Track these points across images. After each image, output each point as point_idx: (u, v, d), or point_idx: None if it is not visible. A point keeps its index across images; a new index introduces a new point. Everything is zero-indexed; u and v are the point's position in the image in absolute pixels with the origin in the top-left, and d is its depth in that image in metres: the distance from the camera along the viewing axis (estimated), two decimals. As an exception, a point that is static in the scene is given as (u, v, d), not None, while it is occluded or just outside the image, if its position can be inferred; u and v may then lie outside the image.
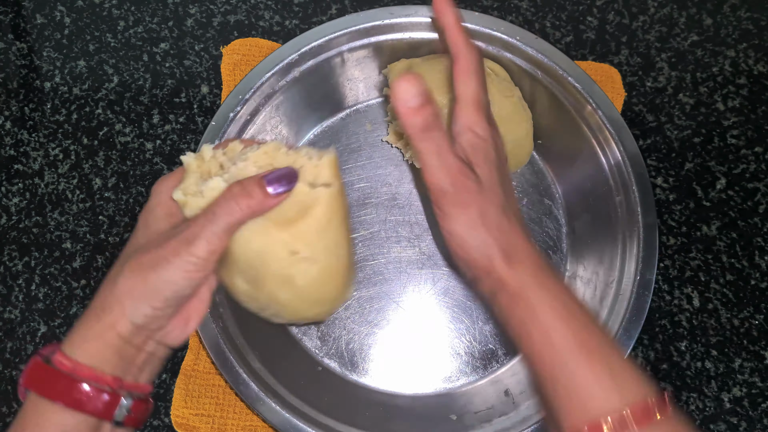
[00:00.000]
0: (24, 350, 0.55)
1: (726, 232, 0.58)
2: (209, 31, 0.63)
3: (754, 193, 0.59)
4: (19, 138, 0.60)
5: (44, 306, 0.56)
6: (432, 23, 0.55)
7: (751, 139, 0.61)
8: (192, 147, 0.60)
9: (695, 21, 0.64)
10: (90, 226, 0.58)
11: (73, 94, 0.61)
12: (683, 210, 0.59)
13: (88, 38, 0.63)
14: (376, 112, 0.61)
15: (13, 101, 0.61)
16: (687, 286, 0.57)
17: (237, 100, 0.54)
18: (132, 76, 0.62)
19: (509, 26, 0.55)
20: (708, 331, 0.56)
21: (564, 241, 0.58)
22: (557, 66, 0.55)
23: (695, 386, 0.55)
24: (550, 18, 0.63)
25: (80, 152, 0.60)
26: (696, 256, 0.58)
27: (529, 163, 0.59)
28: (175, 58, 0.62)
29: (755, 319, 0.56)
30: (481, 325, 0.56)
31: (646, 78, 0.62)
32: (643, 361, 0.55)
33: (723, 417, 0.54)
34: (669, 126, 0.61)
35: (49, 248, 0.57)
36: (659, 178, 0.60)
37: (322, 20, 0.63)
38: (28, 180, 0.59)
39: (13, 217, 0.58)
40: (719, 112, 0.62)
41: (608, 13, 0.64)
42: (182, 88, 0.61)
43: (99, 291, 0.38)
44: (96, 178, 0.59)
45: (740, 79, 0.62)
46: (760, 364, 0.55)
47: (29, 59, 0.63)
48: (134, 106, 0.61)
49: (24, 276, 0.57)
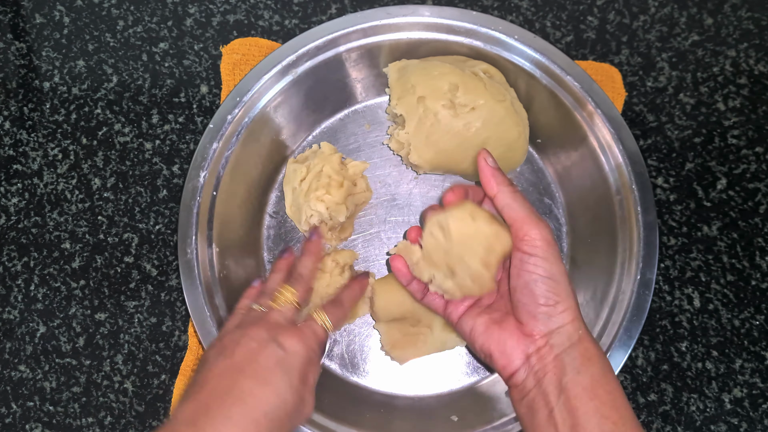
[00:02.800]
0: (23, 350, 0.55)
1: (727, 233, 0.58)
2: (209, 30, 0.63)
3: (755, 194, 0.59)
4: (18, 138, 0.60)
5: (43, 306, 0.56)
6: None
7: (751, 139, 0.61)
8: (191, 147, 0.60)
9: (696, 21, 0.64)
10: (89, 227, 0.58)
11: (72, 94, 0.61)
12: (684, 210, 0.59)
13: (87, 38, 0.63)
14: (376, 112, 0.60)
15: (12, 101, 0.61)
16: (687, 287, 0.57)
17: (236, 100, 0.54)
18: (131, 75, 0.62)
19: (508, 25, 0.55)
20: (709, 331, 0.56)
21: (564, 241, 0.58)
22: (556, 65, 0.54)
23: (696, 387, 0.54)
24: (550, 17, 0.63)
25: (79, 152, 0.60)
26: (697, 257, 0.58)
27: (529, 163, 0.59)
28: (175, 57, 0.62)
29: (756, 320, 0.56)
30: (481, 326, 0.55)
31: (647, 78, 0.62)
32: (643, 361, 0.55)
33: (724, 418, 0.54)
34: (669, 126, 0.61)
35: (48, 248, 0.57)
36: (660, 179, 0.60)
37: (322, 20, 0.63)
38: (27, 180, 0.59)
39: (12, 218, 0.58)
40: (720, 112, 0.61)
41: (609, 13, 0.64)
42: (181, 88, 0.61)
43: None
44: (95, 178, 0.59)
45: (741, 79, 0.62)
46: (761, 365, 0.55)
47: (28, 59, 0.62)
48: (133, 105, 0.61)
49: (23, 276, 0.57)
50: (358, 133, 0.60)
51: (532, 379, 0.42)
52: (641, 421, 0.54)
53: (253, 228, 0.58)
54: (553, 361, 0.41)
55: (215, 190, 0.54)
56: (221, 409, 0.39)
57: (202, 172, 0.53)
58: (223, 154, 0.54)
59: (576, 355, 0.41)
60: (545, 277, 0.42)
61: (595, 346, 0.42)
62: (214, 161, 0.54)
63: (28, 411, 0.54)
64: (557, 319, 0.42)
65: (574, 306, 0.43)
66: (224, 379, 0.40)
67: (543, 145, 0.59)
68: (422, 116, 0.53)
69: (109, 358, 0.55)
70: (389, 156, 0.59)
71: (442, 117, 0.52)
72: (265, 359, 0.41)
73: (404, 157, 0.57)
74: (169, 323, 0.56)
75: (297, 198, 0.55)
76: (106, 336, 0.55)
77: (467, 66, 0.55)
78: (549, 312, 0.42)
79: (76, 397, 0.54)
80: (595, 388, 0.40)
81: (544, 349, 0.42)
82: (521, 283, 0.43)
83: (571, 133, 0.56)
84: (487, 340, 0.44)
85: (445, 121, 0.52)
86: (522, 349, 0.42)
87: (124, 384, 0.55)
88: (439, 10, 0.55)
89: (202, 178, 0.53)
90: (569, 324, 0.42)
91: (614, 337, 0.50)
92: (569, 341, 0.41)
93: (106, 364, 0.55)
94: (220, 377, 0.40)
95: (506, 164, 0.56)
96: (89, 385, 0.54)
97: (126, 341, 0.55)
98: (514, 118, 0.54)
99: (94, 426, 0.54)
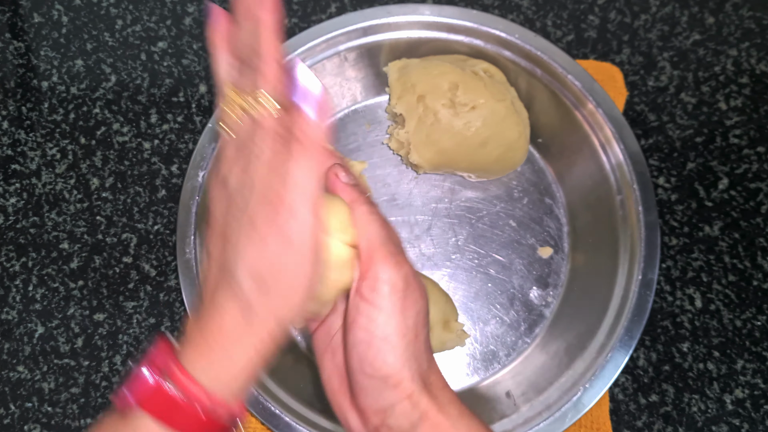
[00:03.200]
0: (21, 351, 0.55)
1: (728, 233, 0.58)
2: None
3: (757, 193, 0.59)
4: (16, 138, 0.60)
5: (41, 307, 0.56)
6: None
7: (753, 139, 0.60)
8: (190, 146, 0.59)
9: (697, 20, 0.63)
10: (87, 227, 0.58)
11: (70, 94, 0.61)
12: (685, 210, 0.59)
13: (85, 37, 0.62)
14: (375, 111, 0.60)
15: (11, 101, 0.61)
16: (689, 287, 0.57)
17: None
18: (130, 75, 0.61)
19: (508, 24, 0.55)
20: (710, 332, 0.56)
21: (565, 241, 0.58)
22: (557, 64, 0.54)
23: (697, 388, 0.54)
24: (551, 17, 0.63)
25: (78, 152, 0.59)
26: (698, 257, 0.57)
27: (530, 162, 0.59)
28: (173, 57, 0.62)
29: (757, 320, 0.56)
30: (482, 326, 0.55)
31: (648, 77, 0.62)
32: (645, 362, 0.55)
33: (725, 419, 0.54)
34: (671, 125, 0.61)
35: (46, 249, 0.57)
36: (661, 178, 0.59)
37: (321, 19, 0.62)
38: (26, 180, 0.59)
39: (11, 218, 0.58)
40: (721, 112, 0.61)
41: (610, 12, 0.63)
42: (180, 87, 0.61)
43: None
44: (93, 178, 0.59)
45: (742, 79, 0.62)
46: (762, 366, 0.55)
47: (27, 58, 0.62)
48: (132, 105, 0.61)
49: (21, 277, 0.56)
50: (357, 133, 0.60)
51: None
52: (642, 422, 0.53)
53: (253, 228, 0.57)
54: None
55: (214, 190, 0.53)
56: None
57: (201, 171, 0.53)
58: (222, 153, 0.54)
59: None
60: (379, 338, 0.32)
61: (446, 417, 0.33)
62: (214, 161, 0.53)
63: (26, 412, 0.54)
64: (390, 393, 0.32)
65: (411, 376, 0.32)
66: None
67: (544, 145, 0.59)
68: (422, 116, 0.53)
69: (108, 359, 0.55)
70: (389, 155, 0.59)
71: (442, 116, 0.52)
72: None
73: (404, 157, 0.57)
74: (167, 324, 0.56)
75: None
76: (105, 337, 0.55)
77: (467, 65, 0.55)
78: (378, 385, 0.32)
79: (75, 398, 0.54)
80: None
81: (382, 429, 0.33)
82: (350, 340, 0.33)
83: (572, 133, 0.56)
84: (335, 403, 0.35)
85: (445, 121, 0.52)
86: (362, 425, 0.34)
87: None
88: (440, 9, 0.55)
89: (201, 178, 0.53)
90: (404, 401, 0.32)
91: (616, 338, 0.50)
92: (408, 422, 0.32)
93: (104, 365, 0.55)
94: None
95: (507, 164, 0.56)
96: (88, 386, 0.54)
97: (125, 342, 0.55)
98: (515, 117, 0.53)
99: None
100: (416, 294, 0.33)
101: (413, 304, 0.33)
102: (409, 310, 0.32)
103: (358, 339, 0.32)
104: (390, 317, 0.32)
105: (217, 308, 0.32)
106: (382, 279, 0.32)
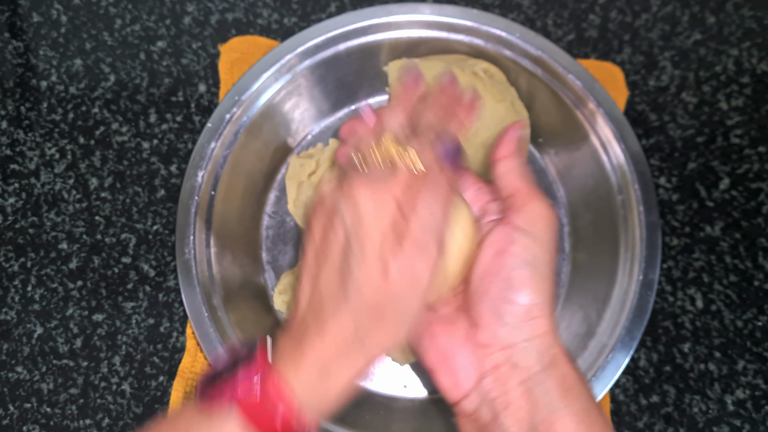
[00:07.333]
0: (20, 352, 0.54)
1: (730, 233, 0.58)
2: (207, 29, 0.62)
3: (758, 193, 0.59)
4: (15, 137, 0.60)
5: (40, 307, 0.55)
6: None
7: (754, 139, 0.60)
8: (189, 146, 0.59)
9: (698, 19, 0.63)
10: (86, 227, 0.57)
11: (69, 93, 0.61)
12: (686, 210, 0.58)
13: (84, 37, 0.62)
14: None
15: (9, 100, 0.61)
16: (690, 288, 0.56)
17: (234, 99, 0.54)
18: (129, 74, 0.61)
19: (509, 23, 0.55)
20: (711, 332, 0.55)
21: (566, 241, 0.57)
22: (558, 64, 0.54)
23: (698, 388, 0.54)
24: (552, 16, 0.63)
25: (76, 152, 0.59)
26: (699, 257, 0.57)
27: (530, 162, 0.59)
28: (173, 56, 0.62)
29: (759, 321, 0.56)
30: (481, 327, 0.55)
31: (649, 77, 0.62)
32: (645, 363, 0.55)
33: (726, 419, 0.53)
34: (672, 125, 0.60)
35: (45, 249, 0.57)
36: (662, 178, 0.59)
37: (321, 18, 0.62)
38: (24, 180, 0.59)
39: (9, 218, 0.58)
40: (722, 112, 0.61)
41: (611, 11, 0.63)
42: (179, 87, 0.61)
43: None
44: (92, 178, 0.59)
45: (744, 78, 0.62)
46: (764, 366, 0.55)
47: (25, 58, 0.62)
48: (131, 105, 0.60)
49: (20, 277, 0.56)
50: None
51: (487, 412, 0.32)
52: (643, 423, 0.53)
53: (252, 228, 0.57)
54: (518, 390, 0.31)
55: (213, 190, 0.53)
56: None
57: (200, 171, 0.53)
58: (221, 153, 0.54)
59: (550, 385, 0.31)
60: (533, 267, 0.32)
61: (575, 371, 0.32)
62: (213, 161, 0.53)
63: (25, 413, 0.54)
64: (528, 327, 0.32)
65: (550, 314, 0.33)
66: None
67: (544, 145, 0.58)
68: (422, 115, 0.53)
69: (107, 360, 0.54)
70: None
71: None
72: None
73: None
74: (167, 324, 0.55)
75: (305, 192, 0.55)
76: (104, 337, 0.55)
77: (467, 65, 0.54)
78: (520, 314, 0.32)
79: (74, 398, 0.54)
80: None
81: (504, 368, 0.32)
82: (495, 267, 0.33)
83: (573, 133, 0.56)
84: (429, 347, 0.35)
85: (445, 121, 0.52)
86: (474, 366, 0.33)
87: (122, 386, 0.54)
88: (440, 8, 0.55)
89: (200, 178, 0.53)
90: (542, 337, 0.32)
91: (616, 339, 0.50)
92: (539, 363, 0.32)
93: (103, 366, 0.54)
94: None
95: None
96: (87, 386, 0.54)
97: (124, 342, 0.55)
98: (515, 117, 0.53)
99: (92, 428, 0.53)
100: (558, 239, 0.35)
101: (558, 249, 0.36)
102: (556, 251, 0.34)
103: (509, 265, 0.33)
104: (546, 251, 0.33)
105: (323, 328, 0.31)
106: (541, 215, 0.34)
